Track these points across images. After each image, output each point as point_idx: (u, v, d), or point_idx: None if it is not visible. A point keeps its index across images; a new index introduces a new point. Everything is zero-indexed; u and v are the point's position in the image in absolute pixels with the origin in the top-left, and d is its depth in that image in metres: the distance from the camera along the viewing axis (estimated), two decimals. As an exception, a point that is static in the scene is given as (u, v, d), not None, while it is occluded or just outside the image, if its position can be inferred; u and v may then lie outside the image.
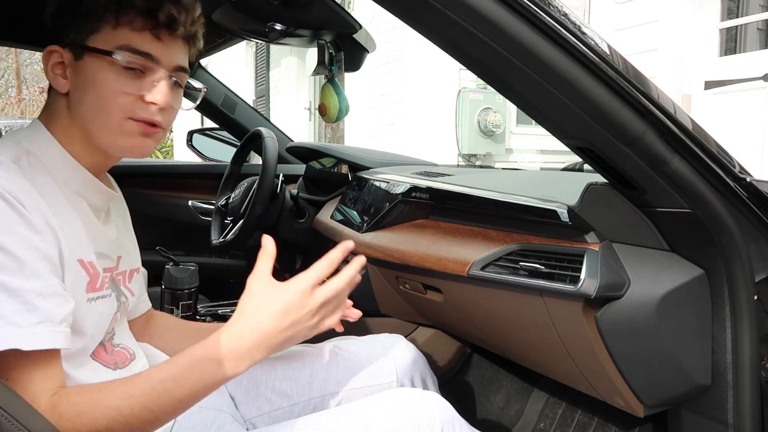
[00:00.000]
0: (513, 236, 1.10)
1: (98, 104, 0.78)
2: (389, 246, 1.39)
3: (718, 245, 0.89)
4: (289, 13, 1.47)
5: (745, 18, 3.98)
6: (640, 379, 0.98)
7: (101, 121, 0.79)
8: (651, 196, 0.88)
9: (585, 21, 0.89)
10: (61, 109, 0.82)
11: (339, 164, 1.92)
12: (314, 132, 7.57)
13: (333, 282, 0.80)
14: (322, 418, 0.89)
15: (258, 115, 2.38)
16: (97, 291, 0.82)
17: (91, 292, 0.80)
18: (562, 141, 0.87)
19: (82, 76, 0.79)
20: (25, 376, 0.68)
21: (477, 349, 1.73)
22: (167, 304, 1.52)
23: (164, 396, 0.71)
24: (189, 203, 2.28)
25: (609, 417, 1.43)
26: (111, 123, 0.79)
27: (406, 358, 1.17)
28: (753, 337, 0.91)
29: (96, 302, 0.81)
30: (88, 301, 0.80)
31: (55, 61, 0.80)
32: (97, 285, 0.82)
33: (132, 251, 0.98)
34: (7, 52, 16.72)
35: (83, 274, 0.79)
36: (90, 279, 0.80)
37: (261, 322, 0.75)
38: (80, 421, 0.69)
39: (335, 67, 1.73)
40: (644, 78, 0.81)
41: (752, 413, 0.92)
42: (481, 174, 1.69)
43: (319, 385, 1.10)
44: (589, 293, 0.90)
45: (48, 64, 0.80)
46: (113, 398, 0.70)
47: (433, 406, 0.91)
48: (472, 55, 0.76)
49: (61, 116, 0.82)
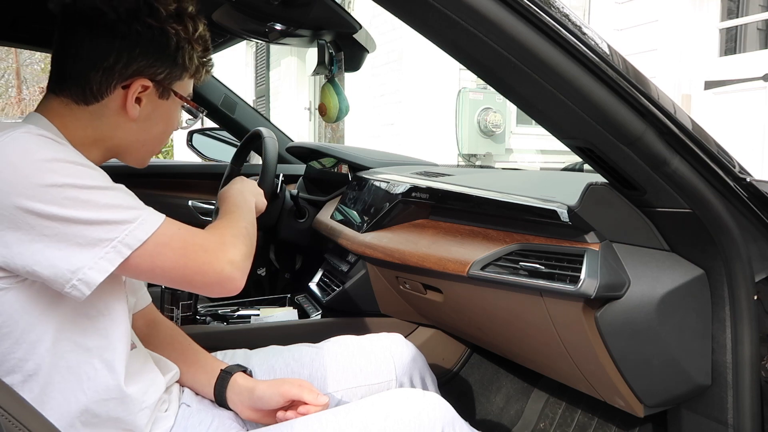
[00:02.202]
0: (513, 236, 1.10)
1: (162, 138, 0.93)
2: (389, 246, 1.39)
3: (718, 245, 0.89)
4: (289, 13, 1.46)
5: (745, 18, 3.98)
6: (640, 379, 0.98)
7: (155, 148, 0.93)
8: (651, 196, 0.88)
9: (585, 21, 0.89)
10: (77, 116, 0.84)
11: (339, 164, 1.92)
12: (314, 132, 7.57)
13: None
14: (322, 419, 0.89)
15: (258, 115, 2.38)
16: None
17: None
18: (562, 141, 0.87)
19: (160, 110, 0.89)
20: (185, 230, 0.81)
21: (477, 349, 1.73)
22: (167, 304, 1.52)
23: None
24: (189, 203, 2.28)
25: (609, 417, 1.43)
26: (157, 150, 0.95)
27: (405, 357, 1.17)
28: (753, 337, 0.91)
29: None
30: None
31: (140, 91, 0.85)
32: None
33: None
34: (7, 52, 16.71)
35: None
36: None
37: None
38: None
39: (335, 67, 1.72)
40: (644, 78, 0.81)
41: (752, 413, 0.92)
42: (481, 174, 1.69)
43: (318, 385, 1.10)
44: (589, 293, 0.90)
45: (131, 91, 0.84)
46: (240, 225, 0.93)
47: (433, 407, 0.91)
48: (472, 55, 0.76)
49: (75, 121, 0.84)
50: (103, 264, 0.73)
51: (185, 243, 0.80)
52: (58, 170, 0.72)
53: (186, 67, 0.87)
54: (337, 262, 1.72)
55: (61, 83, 0.83)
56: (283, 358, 1.13)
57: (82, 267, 0.72)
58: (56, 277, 0.71)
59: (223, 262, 0.82)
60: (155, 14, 0.81)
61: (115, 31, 0.80)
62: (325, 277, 1.78)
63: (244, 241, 0.88)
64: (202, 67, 0.90)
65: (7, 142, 0.72)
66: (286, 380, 0.97)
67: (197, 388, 1.03)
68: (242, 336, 1.49)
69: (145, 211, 0.77)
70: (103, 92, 0.82)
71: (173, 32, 0.83)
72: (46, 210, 0.70)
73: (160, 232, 0.77)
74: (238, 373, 1.02)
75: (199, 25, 0.87)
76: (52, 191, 0.71)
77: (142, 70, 0.83)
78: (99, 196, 0.74)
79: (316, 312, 1.69)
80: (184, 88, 0.90)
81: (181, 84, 0.89)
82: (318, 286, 1.77)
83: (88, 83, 0.82)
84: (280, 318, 1.62)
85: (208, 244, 0.82)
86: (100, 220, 0.73)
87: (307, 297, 1.82)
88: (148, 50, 0.82)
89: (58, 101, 0.84)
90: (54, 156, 0.73)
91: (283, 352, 1.16)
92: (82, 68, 0.81)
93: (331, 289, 1.68)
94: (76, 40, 0.81)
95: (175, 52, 0.84)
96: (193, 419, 0.95)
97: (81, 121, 0.84)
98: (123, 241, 0.74)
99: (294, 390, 0.94)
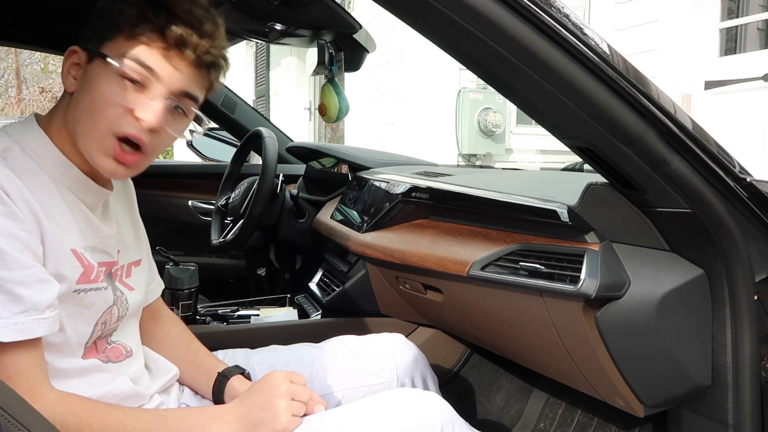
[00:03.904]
0: (513, 236, 1.10)
1: (89, 109, 0.78)
2: (389, 246, 1.39)
3: (718, 245, 0.89)
4: (289, 13, 1.46)
5: (745, 18, 3.98)
6: (640, 379, 0.98)
7: (86, 128, 0.79)
8: (651, 196, 0.88)
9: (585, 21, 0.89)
10: (62, 108, 0.83)
11: (339, 164, 1.92)
12: (314, 132, 7.56)
13: (302, 388, 0.89)
14: (322, 418, 0.89)
15: (258, 115, 2.38)
16: (91, 282, 0.82)
17: (83, 283, 0.80)
18: (562, 141, 0.87)
19: (87, 79, 0.79)
20: (14, 368, 0.69)
21: (477, 349, 1.73)
22: (167, 304, 1.51)
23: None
24: (189, 203, 2.28)
25: (609, 417, 1.43)
26: (95, 133, 0.78)
27: (407, 358, 1.17)
28: (753, 338, 0.91)
29: (88, 294, 0.82)
30: (76, 292, 0.79)
31: (73, 61, 0.80)
32: (91, 276, 0.82)
33: (131, 244, 0.96)
34: (7, 52, 16.70)
35: (76, 264, 0.79)
36: (84, 270, 0.80)
37: (243, 399, 0.87)
38: (88, 420, 0.72)
39: (335, 67, 1.73)
40: (644, 78, 0.81)
41: (752, 413, 0.92)
42: (481, 174, 1.69)
43: (319, 385, 1.10)
44: (589, 293, 0.90)
45: (66, 63, 0.80)
46: (122, 414, 0.77)
47: (433, 407, 0.91)
48: (472, 55, 0.76)
49: (59, 115, 0.83)
50: None
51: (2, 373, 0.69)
52: None
53: (118, 24, 0.77)
54: (337, 262, 1.72)
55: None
56: (283, 358, 1.13)
57: None
58: None
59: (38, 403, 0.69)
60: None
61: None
62: (325, 277, 1.78)
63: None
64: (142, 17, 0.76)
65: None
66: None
67: (196, 388, 1.03)
68: (242, 336, 1.49)
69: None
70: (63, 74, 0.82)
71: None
72: None
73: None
74: (236, 376, 1.01)
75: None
76: None
77: (80, 42, 0.80)
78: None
79: (316, 312, 1.69)
80: (119, 50, 0.77)
81: (116, 45, 0.77)
82: (318, 286, 1.77)
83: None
84: (280, 318, 1.62)
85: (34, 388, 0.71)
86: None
87: (307, 297, 1.82)
88: (91, 21, 0.80)
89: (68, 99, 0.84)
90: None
91: (284, 352, 1.16)
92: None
93: (331, 289, 1.68)
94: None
95: (105, 11, 0.79)
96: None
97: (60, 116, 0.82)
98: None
99: None
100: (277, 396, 0.84)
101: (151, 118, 0.78)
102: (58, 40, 1.85)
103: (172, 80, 0.79)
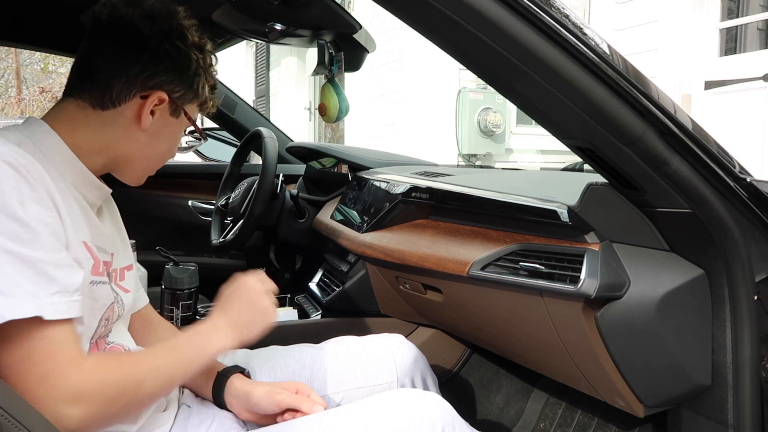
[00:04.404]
0: (513, 236, 1.10)
1: (165, 156, 0.95)
2: (389, 246, 1.39)
3: (718, 245, 0.89)
4: (289, 13, 1.46)
5: (745, 18, 3.98)
6: (640, 379, 0.98)
7: (155, 165, 0.95)
8: (651, 196, 0.88)
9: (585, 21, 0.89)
10: (90, 120, 0.86)
11: (339, 164, 1.92)
12: (314, 132, 7.57)
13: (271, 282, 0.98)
14: (322, 419, 0.89)
15: (258, 115, 2.38)
16: (99, 275, 0.84)
17: (95, 275, 0.83)
18: (562, 141, 0.87)
19: (168, 128, 0.92)
20: (55, 344, 0.71)
21: (477, 349, 1.73)
22: (167, 304, 1.52)
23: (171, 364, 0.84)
24: (189, 203, 2.28)
25: (609, 417, 1.43)
26: (144, 165, 0.94)
27: (407, 358, 1.17)
28: (753, 338, 0.91)
29: (98, 286, 0.84)
30: (91, 284, 0.82)
31: (156, 103, 0.88)
32: (99, 269, 0.84)
33: (122, 250, 0.98)
34: (7, 52, 16.69)
35: (88, 256, 0.81)
36: (94, 262, 0.83)
37: (225, 308, 0.93)
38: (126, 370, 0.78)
39: (335, 67, 1.72)
40: (644, 78, 0.81)
41: (752, 413, 0.92)
42: (481, 174, 1.69)
43: (319, 385, 1.09)
44: (589, 293, 0.90)
45: (149, 102, 0.87)
46: (145, 356, 0.85)
47: (433, 407, 0.91)
48: (472, 55, 0.76)
49: (86, 125, 0.86)
50: None
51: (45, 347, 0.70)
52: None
53: (198, 94, 0.93)
54: (337, 262, 1.72)
55: (82, 87, 0.86)
56: (283, 359, 1.13)
57: None
58: None
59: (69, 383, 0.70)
60: (183, 39, 0.88)
61: (145, 46, 0.85)
62: (325, 277, 1.78)
63: (123, 391, 0.76)
64: (209, 101, 0.96)
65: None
66: (282, 387, 0.97)
67: (196, 389, 1.03)
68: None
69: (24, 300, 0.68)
70: (121, 99, 0.86)
71: (194, 59, 0.90)
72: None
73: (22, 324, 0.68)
74: (235, 375, 1.01)
75: (214, 62, 0.96)
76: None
77: (162, 85, 0.88)
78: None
79: (316, 312, 1.69)
80: (191, 114, 0.94)
81: (190, 108, 0.94)
82: (318, 286, 1.78)
83: (109, 89, 0.85)
84: (280, 318, 1.62)
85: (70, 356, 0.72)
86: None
87: (307, 297, 1.82)
88: (171, 68, 0.88)
89: (75, 105, 0.86)
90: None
91: (283, 353, 1.16)
92: (107, 74, 0.85)
93: (331, 289, 1.68)
94: (106, 49, 0.86)
95: (192, 77, 0.91)
96: (192, 419, 0.95)
97: (92, 126, 0.86)
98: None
99: (290, 400, 0.94)
100: (258, 294, 0.93)
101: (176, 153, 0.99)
102: (58, 40, 1.85)
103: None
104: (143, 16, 0.85)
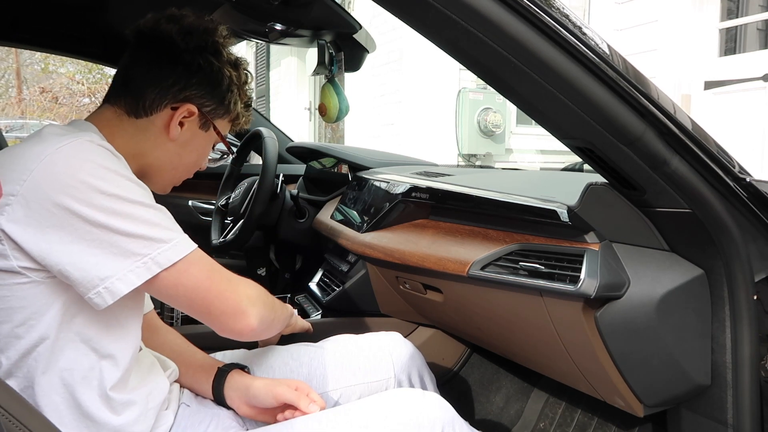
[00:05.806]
0: (513, 236, 1.10)
1: (192, 168, 0.99)
2: (389, 246, 1.39)
3: (717, 245, 0.89)
4: (289, 13, 1.46)
5: (745, 18, 3.98)
6: (640, 379, 0.98)
7: (182, 176, 0.99)
8: (651, 196, 0.88)
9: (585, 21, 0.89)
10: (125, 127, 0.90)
11: (339, 164, 1.92)
12: (314, 132, 7.57)
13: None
14: (322, 419, 0.89)
15: (258, 115, 2.37)
16: None
17: None
18: (562, 141, 0.87)
19: (197, 140, 0.95)
20: (215, 263, 0.85)
21: (477, 349, 1.73)
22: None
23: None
24: (189, 203, 2.28)
25: (609, 417, 1.43)
26: (172, 174, 0.97)
27: (404, 355, 1.18)
28: (753, 337, 0.91)
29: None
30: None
31: (185, 116, 0.91)
32: None
33: None
34: (7, 52, 16.69)
35: None
36: None
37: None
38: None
39: (335, 67, 1.72)
40: (644, 78, 0.81)
41: (752, 413, 0.92)
42: (481, 174, 1.69)
43: (317, 383, 1.10)
44: (589, 293, 0.91)
45: (178, 114, 0.90)
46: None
47: (433, 407, 0.91)
48: (472, 55, 0.76)
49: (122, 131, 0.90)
50: (131, 277, 0.75)
51: (212, 268, 0.83)
52: (111, 180, 0.76)
53: (230, 109, 0.96)
54: (337, 262, 1.72)
55: (120, 94, 0.90)
56: (281, 358, 1.14)
57: (111, 276, 0.74)
58: (84, 281, 0.74)
59: (242, 295, 0.85)
60: (218, 55, 0.92)
61: (179, 59, 0.89)
62: (325, 277, 1.78)
63: (267, 301, 0.91)
64: (241, 117, 0.99)
65: (72, 146, 0.76)
66: (282, 381, 0.98)
67: (196, 388, 1.04)
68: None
69: (181, 235, 0.81)
70: (153, 108, 0.89)
71: (228, 75, 0.93)
72: (93, 216, 0.73)
73: (191, 257, 0.81)
74: (235, 369, 1.03)
75: (249, 79, 0.99)
76: (101, 199, 0.74)
77: (193, 98, 0.91)
78: (142, 211, 0.77)
79: (316, 312, 1.69)
80: (222, 129, 0.97)
81: (221, 123, 0.96)
82: (318, 286, 1.78)
83: (142, 97, 0.89)
84: (280, 318, 1.61)
85: (233, 278, 0.86)
86: (137, 234, 0.76)
87: (307, 297, 1.82)
88: (203, 83, 0.91)
89: (112, 111, 0.90)
90: (109, 166, 0.77)
91: (281, 352, 1.16)
92: (142, 84, 0.89)
93: (331, 289, 1.68)
94: (144, 60, 0.90)
95: (225, 92, 0.93)
96: (192, 419, 0.96)
97: (127, 132, 0.90)
98: (155, 259, 0.77)
99: (288, 395, 0.95)
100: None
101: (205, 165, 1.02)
102: (58, 40, 1.85)
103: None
104: (181, 31, 0.89)
